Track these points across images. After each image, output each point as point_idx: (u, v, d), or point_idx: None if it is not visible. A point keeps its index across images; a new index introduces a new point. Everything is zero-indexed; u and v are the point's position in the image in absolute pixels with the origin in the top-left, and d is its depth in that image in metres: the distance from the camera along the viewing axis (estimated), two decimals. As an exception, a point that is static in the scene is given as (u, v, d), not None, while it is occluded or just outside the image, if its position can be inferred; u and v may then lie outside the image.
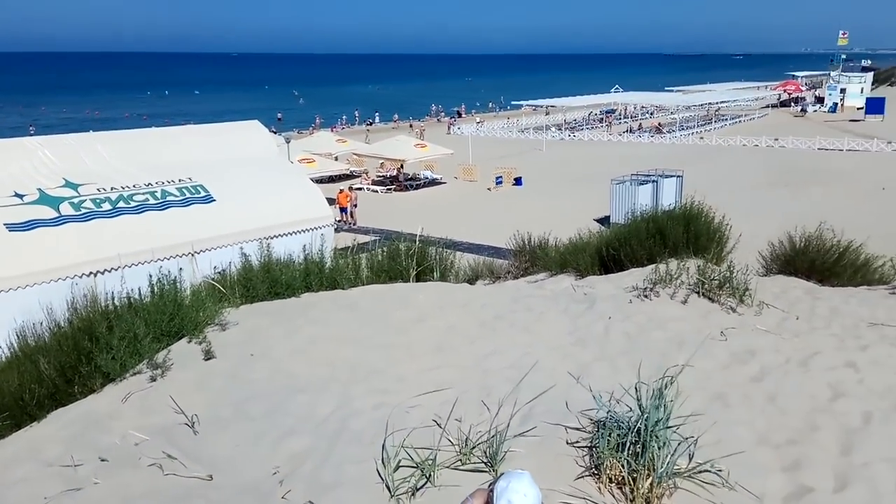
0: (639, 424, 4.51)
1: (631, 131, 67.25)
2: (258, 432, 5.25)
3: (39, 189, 14.73)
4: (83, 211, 14.71)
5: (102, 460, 4.86)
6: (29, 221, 13.91)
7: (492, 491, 3.22)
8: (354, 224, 32.84)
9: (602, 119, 77.44)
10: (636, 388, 4.76)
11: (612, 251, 10.41)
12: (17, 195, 14.33)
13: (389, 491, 4.38)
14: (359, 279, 9.83)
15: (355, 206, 34.23)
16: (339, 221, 30.58)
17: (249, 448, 5.03)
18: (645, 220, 10.78)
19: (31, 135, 37.76)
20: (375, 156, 44.76)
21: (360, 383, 6.07)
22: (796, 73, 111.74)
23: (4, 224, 13.60)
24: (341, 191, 34.50)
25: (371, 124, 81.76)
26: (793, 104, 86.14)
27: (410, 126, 75.69)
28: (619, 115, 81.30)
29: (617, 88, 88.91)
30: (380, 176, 45.06)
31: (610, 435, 4.60)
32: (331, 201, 24.97)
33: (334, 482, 4.54)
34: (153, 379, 6.07)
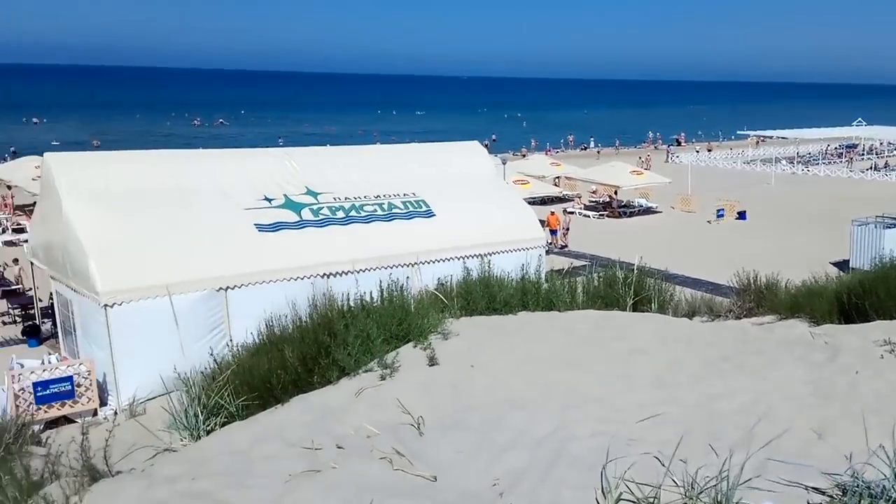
0: (893, 494, 4.06)
1: (876, 169, 60.78)
2: (477, 442, 5.40)
3: (285, 195, 16.30)
4: (320, 217, 16.09)
5: (339, 447, 5.26)
6: (275, 224, 15.45)
7: None
8: (565, 247, 32.77)
9: (842, 154, 70.85)
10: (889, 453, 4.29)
11: (856, 299, 9.49)
12: (266, 199, 15.99)
13: (608, 521, 4.31)
14: (574, 303, 9.80)
15: (567, 229, 34.14)
16: (549, 244, 30.67)
17: (470, 456, 5.19)
18: (895, 267, 9.75)
19: (280, 145, 42.25)
20: (589, 180, 44.40)
21: (577, 408, 6.04)
22: None
23: (255, 224, 15.22)
24: (552, 213, 34.58)
25: (586, 149, 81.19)
26: None
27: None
28: (862, 150, 73.91)
29: (860, 122, 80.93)
30: (592, 201, 44.62)
31: (859, 502, 4.18)
32: (541, 223, 25.12)
33: (552, 503, 4.55)
34: (383, 378, 6.47)
